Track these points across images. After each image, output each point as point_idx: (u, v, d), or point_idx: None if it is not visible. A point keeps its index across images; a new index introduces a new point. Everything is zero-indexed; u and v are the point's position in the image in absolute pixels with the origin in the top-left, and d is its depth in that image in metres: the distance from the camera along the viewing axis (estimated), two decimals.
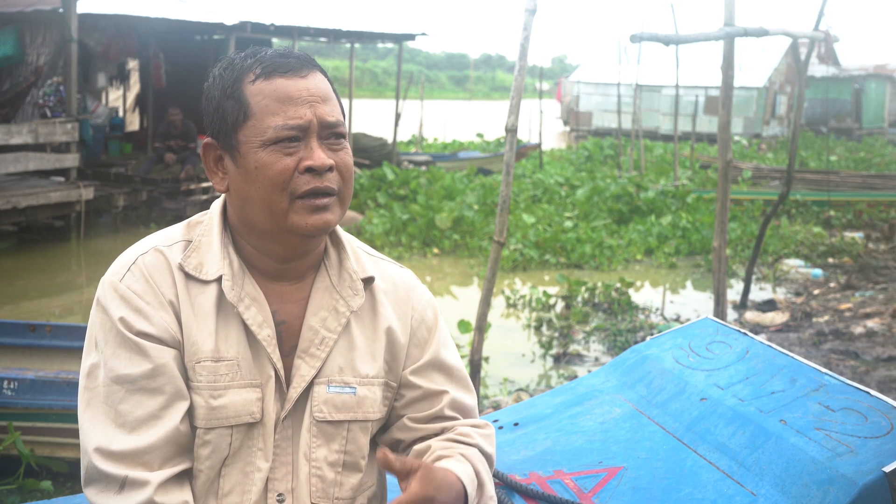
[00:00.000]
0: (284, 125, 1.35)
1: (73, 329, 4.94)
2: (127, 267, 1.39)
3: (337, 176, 1.39)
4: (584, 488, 1.86)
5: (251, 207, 1.39)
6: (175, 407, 1.35)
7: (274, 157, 1.35)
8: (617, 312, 7.66)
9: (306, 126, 1.36)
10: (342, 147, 1.41)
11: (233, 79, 1.39)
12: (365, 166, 14.63)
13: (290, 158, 1.36)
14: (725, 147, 5.59)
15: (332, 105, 1.40)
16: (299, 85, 1.37)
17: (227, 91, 1.39)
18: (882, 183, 15.25)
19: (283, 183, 1.35)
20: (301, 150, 1.36)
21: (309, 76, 1.38)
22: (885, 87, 34.82)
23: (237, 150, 1.38)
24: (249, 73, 1.38)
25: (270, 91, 1.36)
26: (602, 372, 2.30)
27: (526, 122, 23.88)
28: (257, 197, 1.37)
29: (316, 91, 1.38)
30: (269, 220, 1.38)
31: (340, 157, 1.40)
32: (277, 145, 1.35)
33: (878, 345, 6.62)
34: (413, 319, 1.54)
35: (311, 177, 1.36)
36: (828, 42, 7.32)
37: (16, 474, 3.83)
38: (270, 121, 1.35)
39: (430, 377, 1.53)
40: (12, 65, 11.54)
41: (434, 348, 1.54)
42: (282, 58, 1.39)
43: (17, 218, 9.70)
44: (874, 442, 1.66)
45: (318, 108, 1.37)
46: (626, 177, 15.13)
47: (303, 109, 1.36)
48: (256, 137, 1.36)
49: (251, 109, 1.37)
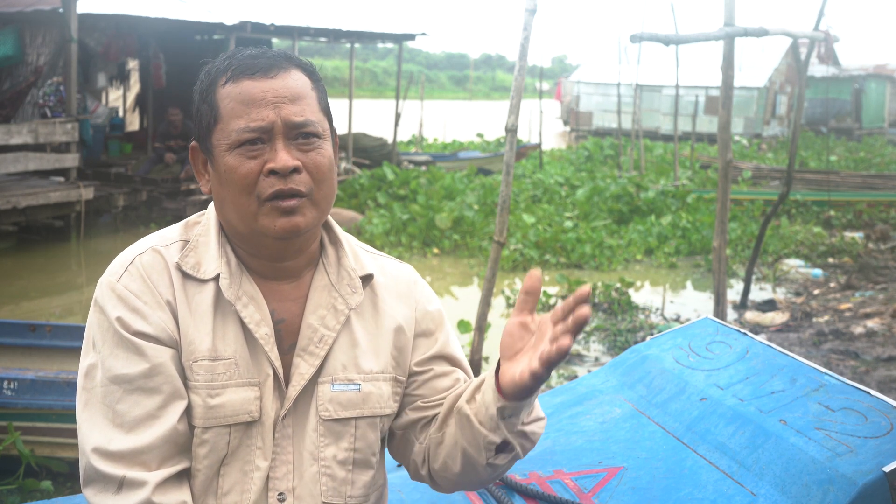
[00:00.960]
0: (246, 127, 1.34)
1: (73, 329, 4.94)
2: (124, 267, 1.39)
3: (306, 177, 1.36)
4: (584, 488, 1.86)
5: (227, 210, 1.40)
6: (173, 406, 1.35)
7: (238, 161, 1.35)
8: (617, 312, 7.66)
9: (269, 128, 1.34)
10: (313, 147, 1.38)
11: (208, 82, 1.40)
12: (365, 166, 14.62)
13: (254, 161, 1.35)
14: (725, 147, 5.59)
15: (301, 104, 1.37)
16: (264, 86, 1.35)
17: (203, 95, 1.40)
18: (882, 183, 15.25)
19: (249, 186, 1.35)
20: (266, 153, 1.35)
21: (278, 76, 1.36)
22: (885, 87, 34.82)
23: (212, 154, 1.39)
24: (222, 77, 1.38)
25: (236, 94, 1.35)
26: (602, 372, 2.30)
27: (526, 122, 23.87)
28: (229, 200, 1.38)
29: (283, 91, 1.36)
30: (242, 222, 1.38)
31: (311, 157, 1.37)
32: (241, 148, 1.35)
33: (878, 345, 6.62)
34: (417, 311, 1.54)
35: (276, 179, 1.34)
36: (828, 42, 7.32)
37: (16, 474, 3.83)
38: (234, 124, 1.35)
39: (439, 366, 1.54)
40: (12, 65, 11.54)
41: (442, 341, 1.55)
42: (252, 59, 1.37)
43: (17, 218, 9.70)
44: (874, 442, 1.66)
45: (283, 109, 1.35)
46: (626, 177, 15.13)
47: (265, 111, 1.34)
48: (224, 141, 1.36)
49: (220, 113, 1.37)
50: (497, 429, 1.37)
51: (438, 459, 1.48)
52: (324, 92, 1.45)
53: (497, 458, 1.41)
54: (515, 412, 1.36)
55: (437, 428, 1.48)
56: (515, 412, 1.36)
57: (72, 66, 10.35)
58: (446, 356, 1.55)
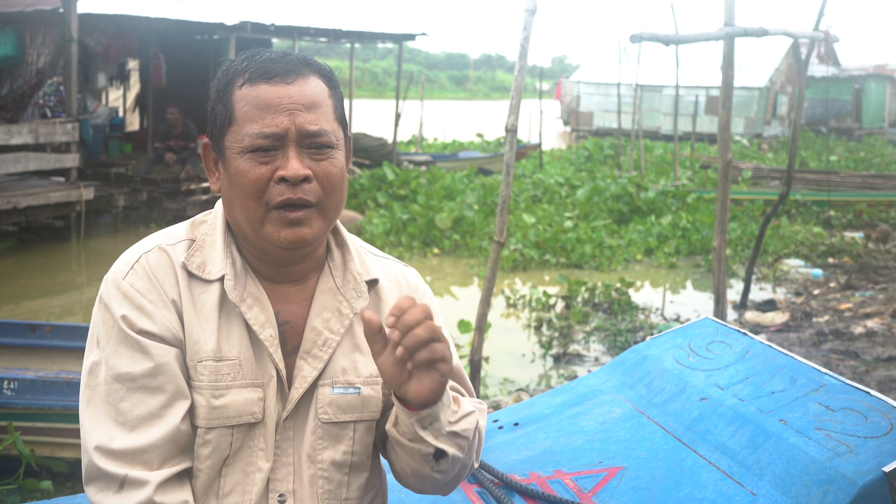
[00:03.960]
0: (260, 133, 1.33)
1: (74, 329, 4.93)
2: (130, 265, 1.39)
3: (316, 187, 1.36)
4: (584, 488, 1.86)
5: (235, 211, 1.39)
6: (176, 406, 1.35)
7: (249, 166, 1.34)
8: (617, 312, 7.66)
9: (282, 134, 1.34)
10: (326, 157, 1.37)
11: (225, 82, 1.39)
12: (365, 166, 14.62)
13: (266, 167, 1.34)
14: (725, 147, 5.59)
15: (317, 113, 1.36)
16: (281, 92, 1.34)
17: (219, 94, 1.39)
18: (882, 183, 15.24)
19: (258, 192, 1.34)
20: (278, 160, 1.34)
21: (296, 82, 1.35)
22: (885, 87, 34.80)
23: (224, 155, 1.38)
24: (239, 78, 1.37)
25: (253, 97, 1.35)
26: (602, 372, 2.30)
27: (526, 122, 23.87)
28: (237, 202, 1.37)
29: (299, 98, 1.35)
30: (248, 226, 1.38)
31: (323, 167, 1.36)
32: (254, 153, 1.34)
33: (878, 345, 6.62)
34: None
35: (286, 187, 1.34)
36: (828, 42, 7.32)
37: (16, 474, 3.83)
38: (249, 128, 1.34)
39: None
40: (12, 65, 11.54)
41: None
42: (271, 63, 1.36)
43: (18, 218, 9.70)
44: (874, 442, 1.66)
45: (298, 117, 1.34)
46: (626, 177, 15.13)
47: (280, 118, 1.33)
48: (237, 143, 1.35)
49: (235, 115, 1.36)
50: (423, 440, 1.36)
51: (397, 475, 1.49)
52: (341, 100, 1.44)
53: (439, 465, 1.39)
54: (434, 418, 1.34)
55: (385, 450, 1.49)
56: (434, 418, 1.34)
57: (72, 66, 10.36)
58: None
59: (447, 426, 1.37)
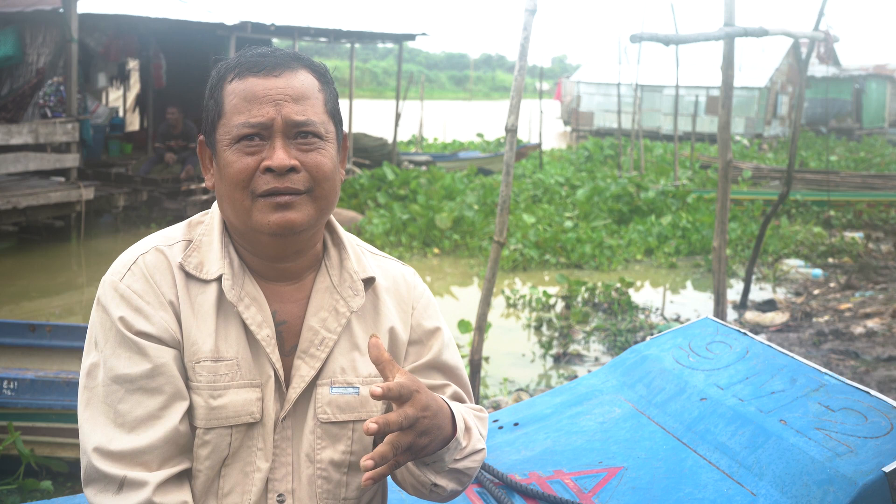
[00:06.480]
0: (245, 123, 1.35)
1: (73, 329, 4.93)
2: (127, 266, 1.39)
3: (305, 176, 1.36)
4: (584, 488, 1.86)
5: (225, 205, 1.40)
6: (174, 407, 1.35)
7: (236, 156, 1.35)
8: (617, 312, 7.66)
9: (268, 124, 1.34)
10: (315, 148, 1.37)
11: (217, 78, 1.41)
12: (365, 166, 14.63)
13: (252, 158, 1.35)
14: (725, 147, 5.59)
15: (305, 104, 1.36)
16: (268, 84, 1.35)
17: (211, 90, 1.41)
18: (882, 183, 15.24)
19: (244, 182, 1.35)
20: (265, 150, 1.35)
21: (284, 75, 1.36)
22: (885, 87, 34.80)
23: (215, 149, 1.40)
24: (230, 73, 1.39)
25: (241, 90, 1.36)
26: (602, 372, 2.30)
27: (526, 122, 23.87)
28: (226, 194, 1.38)
29: (286, 90, 1.36)
30: (237, 218, 1.38)
31: (311, 157, 1.37)
32: (240, 143, 1.35)
33: (878, 345, 6.62)
34: (413, 318, 1.53)
35: (272, 177, 1.34)
36: (828, 42, 7.32)
37: (16, 474, 3.83)
38: (236, 119, 1.35)
39: (430, 376, 1.52)
40: (13, 65, 11.54)
41: (436, 350, 1.53)
42: (260, 57, 1.38)
43: (18, 218, 9.70)
44: (874, 442, 1.66)
45: (284, 107, 1.35)
46: (626, 177, 15.12)
47: (266, 108, 1.34)
48: (225, 136, 1.37)
49: (224, 108, 1.37)
50: (424, 476, 1.38)
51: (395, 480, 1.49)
52: (333, 95, 1.44)
53: (437, 490, 1.42)
54: (436, 458, 1.36)
55: None
56: (436, 458, 1.36)
57: (72, 66, 10.35)
58: (440, 365, 1.53)
59: (451, 463, 1.39)
